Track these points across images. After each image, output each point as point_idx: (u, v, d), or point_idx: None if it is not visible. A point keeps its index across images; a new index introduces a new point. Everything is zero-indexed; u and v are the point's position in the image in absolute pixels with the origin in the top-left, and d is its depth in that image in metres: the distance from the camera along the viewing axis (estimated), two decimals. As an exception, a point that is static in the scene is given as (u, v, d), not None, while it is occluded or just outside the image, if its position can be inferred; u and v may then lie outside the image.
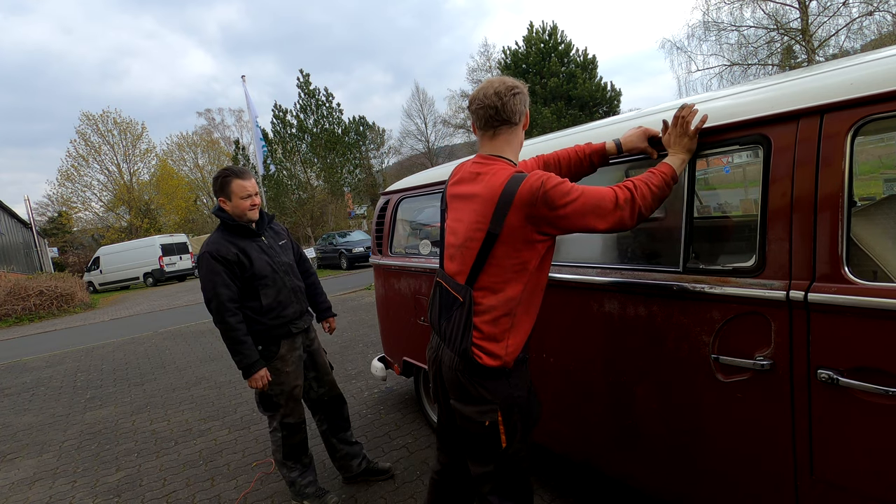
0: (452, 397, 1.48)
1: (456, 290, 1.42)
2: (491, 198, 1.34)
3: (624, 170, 1.78)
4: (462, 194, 1.46)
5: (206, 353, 6.34)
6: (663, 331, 1.54)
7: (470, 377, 1.40)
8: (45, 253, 26.83)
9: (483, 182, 1.39)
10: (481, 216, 1.35)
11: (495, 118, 1.39)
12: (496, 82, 1.40)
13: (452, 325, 1.42)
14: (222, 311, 2.17)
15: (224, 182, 2.24)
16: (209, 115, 44.72)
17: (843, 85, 1.17)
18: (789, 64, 16.73)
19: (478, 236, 1.35)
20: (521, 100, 1.41)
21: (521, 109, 1.42)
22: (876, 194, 3.67)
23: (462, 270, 1.40)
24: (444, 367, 1.48)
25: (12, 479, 3.33)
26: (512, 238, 1.32)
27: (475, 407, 1.41)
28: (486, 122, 1.41)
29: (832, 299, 1.15)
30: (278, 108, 24.79)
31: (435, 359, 1.55)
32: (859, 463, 1.16)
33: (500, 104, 1.37)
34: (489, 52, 37.54)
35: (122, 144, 33.38)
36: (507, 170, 1.38)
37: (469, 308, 1.37)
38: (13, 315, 13.19)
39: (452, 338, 1.42)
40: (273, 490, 2.73)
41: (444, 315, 1.46)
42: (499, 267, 1.34)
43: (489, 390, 1.39)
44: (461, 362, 1.41)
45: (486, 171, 1.40)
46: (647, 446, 1.67)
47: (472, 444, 1.46)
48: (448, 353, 1.45)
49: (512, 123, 1.41)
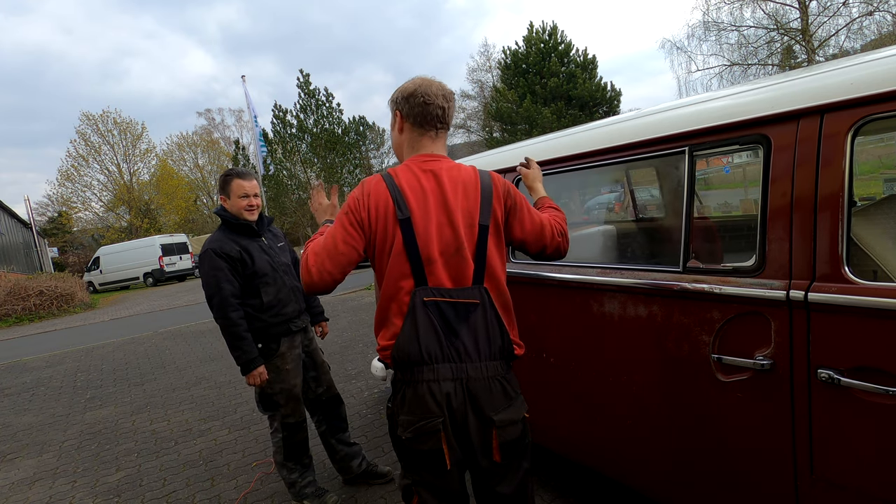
0: (494, 412, 1.27)
1: (465, 296, 1.28)
2: (475, 190, 1.32)
3: (624, 170, 1.78)
4: (430, 202, 1.30)
5: (206, 353, 6.34)
6: (663, 330, 1.54)
7: (506, 376, 1.31)
8: (45, 253, 26.82)
9: (450, 177, 1.32)
10: (469, 213, 1.31)
11: (442, 119, 1.37)
12: (437, 83, 1.37)
13: (478, 331, 1.28)
14: (224, 306, 2.18)
15: (225, 181, 2.32)
16: (209, 115, 44.84)
17: (843, 85, 1.17)
18: (789, 64, 16.73)
19: (472, 233, 1.30)
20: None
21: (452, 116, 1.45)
22: (876, 194, 3.67)
23: (462, 274, 1.29)
24: (479, 383, 1.26)
25: (12, 479, 3.33)
26: (497, 229, 1.33)
27: (514, 406, 1.30)
28: (439, 121, 1.38)
29: (832, 299, 1.15)
30: (278, 108, 24.79)
31: (455, 390, 1.25)
32: (859, 462, 1.16)
33: (448, 107, 1.37)
34: (489, 52, 37.65)
35: (122, 144, 33.39)
36: (463, 164, 1.40)
37: (490, 304, 1.30)
38: (13, 315, 13.19)
39: (484, 344, 1.28)
40: (273, 490, 2.73)
41: (458, 328, 1.27)
42: (493, 259, 1.32)
43: (515, 383, 1.35)
44: (500, 364, 1.30)
45: (442, 166, 1.34)
46: (646, 446, 1.67)
47: (513, 453, 1.30)
48: (480, 367, 1.27)
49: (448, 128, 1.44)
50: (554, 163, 2.01)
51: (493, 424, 1.25)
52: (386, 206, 1.28)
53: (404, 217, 1.27)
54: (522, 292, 2.11)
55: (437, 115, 1.34)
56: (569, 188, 2.70)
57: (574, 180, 2.45)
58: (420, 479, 1.32)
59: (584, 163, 1.88)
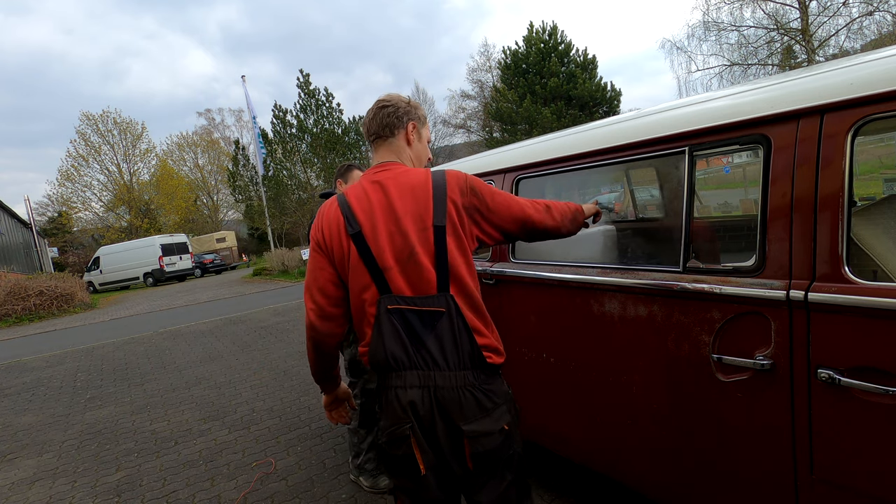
0: (464, 422, 1.26)
1: (429, 304, 1.27)
2: (424, 192, 1.30)
3: (624, 170, 1.78)
4: (376, 211, 1.31)
5: (206, 353, 6.34)
6: (663, 330, 1.54)
7: (481, 387, 1.28)
8: (45, 253, 26.84)
9: (396, 184, 1.33)
10: (419, 216, 1.29)
11: (370, 129, 1.47)
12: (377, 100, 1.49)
13: (444, 341, 1.27)
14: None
15: (348, 168, 2.71)
16: (209, 115, 44.84)
17: (843, 85, 1.17)
18: (789, 64, 16.73)
19: (426, 237, 1.28)
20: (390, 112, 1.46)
21: (393, 122, 1.46)
22: (876, 194, 3.67)
23: (424, 281, 1.27)
24: (447, 392, 1.26)
25: (12, 479, 3.33)
26: (455, 229, 1.30)
27: (490, 417, 1.28)
28: (369, 133, 1.49)
29: (832, 299, 1.15)
30: (278, 108, 24.77)
31: (422, 397, 1.26)
32: (859, 462, 1.16)
33: (373, 117, 1.46)
34: (489, 52, 37.63)
35: (122, 144, 33.45)
36: (417, 168, 1.41)
37: (457, 311, 1.28)
38: (13, 315, 13.19)
39: (452, 353, 1.27)
40: (273, 490, 2.73)
41: (424, 337, 1.27)
42: (456, 262, 1.29)
43: (496, 393, 1.32)
44: (471, 374, 1.28)
45: (389, 174, 1.36)
46: (646, 446, 1.67)
47: (489, 464, 1.29)
48: (449, 375, 1.27)
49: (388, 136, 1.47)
50: (554, 163, 2.01)
51: (463, 434, 1.25)
52: (338, 225, 1.33)
53: (354, 231, 1.30)
54: (522, 293, 2.11)
55: (368, 128, 1.46)
56: (569, 188, 2.71)
57: (574, 180, 2.45)
58: (399, 483, 1.34)
59: (584, 163, 1.88)
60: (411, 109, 1.47)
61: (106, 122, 32.48)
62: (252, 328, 7.78)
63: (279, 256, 18.19)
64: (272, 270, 18.25)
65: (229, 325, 8.42)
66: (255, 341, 6.73)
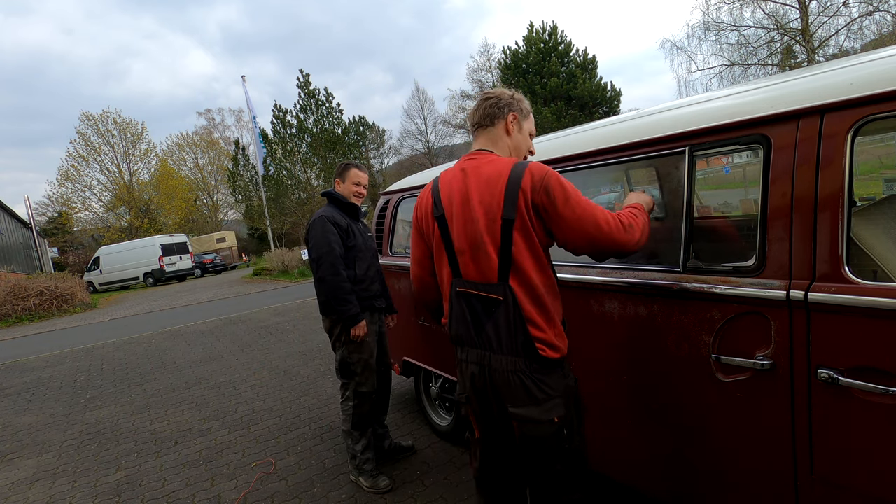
0: (511, 404, 1.36)
1: (490, 291, 1.35)
2: (498, 184, 1.33)
3: (624, 170, 1.78)
4: (456, 198, 1.42)
5: (206, 353, 6.34)
6: (663, 330, 1.54)
7: (532, 375, 1.34)
8: (45, 253, 26.83)
9: (476, 174, 1.41)
10: (490, 208, 1.33)
11: (472, 120, 1.57)
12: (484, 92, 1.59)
13: (500, 327, 1.35)
14: (336, 264, 2.45)
15: (346, 167, 2.70)
16: (209, 115, 44.72)
17: (843, 85, 1.17)
18: (789, 64, 16.72)
19: (494, 228, 1.33)
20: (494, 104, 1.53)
21: (494, 112, 1.51)
22: (876, 194, 3.67)
23: (489, 269, 1.35)
24: (498, 374, 1.36)
25: (12, 479, 3.33)
26: (524, 224, 1.31)
27: (539, 407, 1.34)
28: (471, 122, 1.58)
29: (832, 299, 1.15)
30: (278, 108, 24.75)
31: (479, 373, 1.41)
32: (859, 462, 1.16)
33: (475, 108, 1.56)
34: (489, 52, 37.59)
35: (122, 144, 33.44)
36: (505, 159, 1.42)
37: (514, 302, 1.32)
38: (13, 315, 13.19)
39: (506, 339, 1.34)
40: (273, 490, 2.73)
41: (484, 322, 1.37)
42: (521, 255, 1.32)
43: (550, 385, 1.35)
44: (523, 361, 1.34)
45: (474, 164, 1.44)
46: (646, 446, 1.67)
47: (537, 449, 1.37)
48: (502, 358, 1.36)
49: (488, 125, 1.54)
50: (554, 163, 2.01)
51: (509, 416, 1.38)
52: (427, 206, 1.51)
53: (438, 214, 1.46)
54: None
55: (472, 118, 1.56)
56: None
57: (574, 180, 2.45)
58: (470, 437, 1.57)
59: (584, 163, 1.88)
60: (514, 102, 1.51)
61: (106, 122, 32.50)
62: (252, 328, 7.78)
63: (279, 256, 18.18)
64: (272, 270, 18.25)
65: (229, 325, 8.42)
66: (255, 341, 6.73)
